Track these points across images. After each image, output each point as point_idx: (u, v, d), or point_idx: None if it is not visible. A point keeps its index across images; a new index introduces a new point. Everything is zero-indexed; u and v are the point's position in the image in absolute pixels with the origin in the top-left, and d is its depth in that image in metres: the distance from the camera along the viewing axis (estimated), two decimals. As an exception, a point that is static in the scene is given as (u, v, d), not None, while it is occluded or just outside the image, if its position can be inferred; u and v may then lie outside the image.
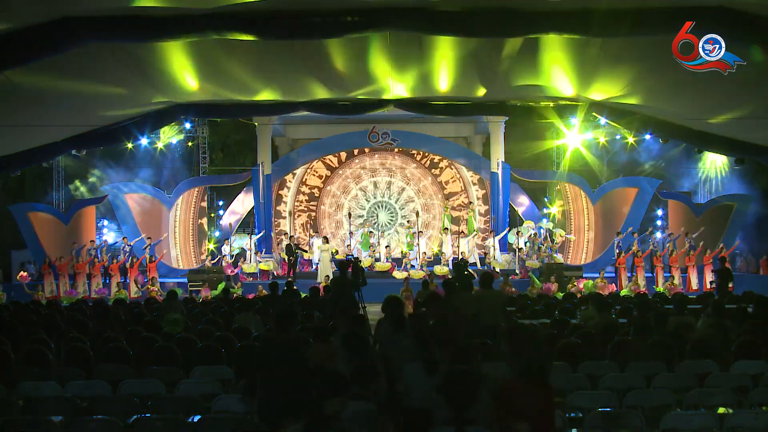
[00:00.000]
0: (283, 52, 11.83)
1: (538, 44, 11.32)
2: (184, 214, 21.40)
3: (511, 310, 9.92)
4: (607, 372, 6.30)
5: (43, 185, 20.62)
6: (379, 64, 12.55)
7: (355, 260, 12.54)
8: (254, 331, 8.27)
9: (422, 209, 22.64)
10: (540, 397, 3.82)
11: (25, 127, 13.00)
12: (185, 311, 9.85)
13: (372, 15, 9.80)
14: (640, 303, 9.47)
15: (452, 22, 9.92)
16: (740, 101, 12.22)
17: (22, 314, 9.98)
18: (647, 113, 15.10)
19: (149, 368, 6.75)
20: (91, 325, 8.84)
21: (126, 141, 17.64)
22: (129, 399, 5.68)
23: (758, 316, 8.31)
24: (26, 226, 18.58)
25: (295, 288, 12.19)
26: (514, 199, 21.46)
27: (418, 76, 13.69)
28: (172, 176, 21.99)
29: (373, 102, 15.55)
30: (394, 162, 22.91)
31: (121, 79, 12.65)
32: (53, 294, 17.38)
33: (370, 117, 18.14)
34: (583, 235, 21.38)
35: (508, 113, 17.59)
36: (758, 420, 5.10)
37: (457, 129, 22.35)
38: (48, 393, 5.83)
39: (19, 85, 11.07)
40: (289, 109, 15.94)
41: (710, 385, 6.07)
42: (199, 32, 10.16)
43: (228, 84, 13.86)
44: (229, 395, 5.81)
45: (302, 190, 23.05)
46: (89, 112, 13.84)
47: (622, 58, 11.70)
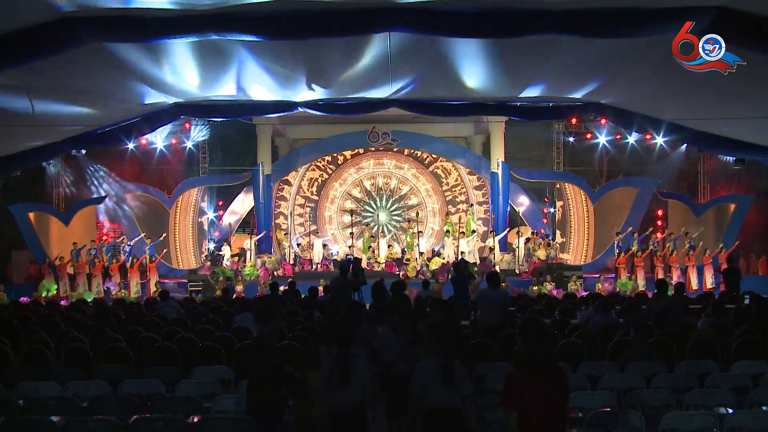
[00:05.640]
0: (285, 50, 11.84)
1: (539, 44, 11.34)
2: (184, 214, 21.41)
3: (510, 310, 9.91)
4: (607, 372, 6.30)
5: (43, 185, 20.60)
6: (379, 64, 12.55)
7: (355, 260, 12.56)
8: (254, 332, 8.26)
9: (422, 209, 22.64)
10: (547, 385, 3.79)
11: (24, 127, 13.00)
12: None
13: (372, 15, 9.80)
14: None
15: (452, 23, 9.93)
16: (740, 101, 12.23)
17: (22, 314, 9.99)
18: (647, 113, 15.13)
19: (149, 368, 6.75)
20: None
21: (126, 141, 17.65)
22: (129, 399, 5.67)
23: (758, 316, 8.32)
24: (26, 226, 18.58)
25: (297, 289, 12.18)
26: (514, 199, 21.45)
27: (419, 77, 13.71)
28: (173, 176, 21.96)
29: (374, 102, 15.56)
30: (394, 162, 22.91)
31: (121, 79, 12.66)
32: (54, 294, 17.40)
33: (370, 117, 18.14)
34: (583, 235, 21.37)
35: (508, 113, 17.59)
36: (758, 420, 5.10)
37: (457, 129, 22.33)
38: (48, 393, 5.83)
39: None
40: (288, 109, 15.95)
41: (710, 385, 6.06)
42: (200, 33, 10.16)
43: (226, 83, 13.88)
44: (229, 395, 5.82)
45: (302, 190, 23.04)
46: (89, 111, 13.84)
47: (623, 58, 11.70)
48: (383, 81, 13.69)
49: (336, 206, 23.03)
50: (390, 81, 13.65)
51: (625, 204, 20.43)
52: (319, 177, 22.94)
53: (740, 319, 8.44)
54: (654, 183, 20.38)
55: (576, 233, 21.50)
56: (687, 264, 18.52)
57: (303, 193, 22.91)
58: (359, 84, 14.01)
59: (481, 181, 22.26)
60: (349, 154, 22.65)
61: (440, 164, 22.79)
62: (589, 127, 20.68)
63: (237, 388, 6.22)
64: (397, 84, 13.97)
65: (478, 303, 8.78)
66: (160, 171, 21.55)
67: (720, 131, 14.62)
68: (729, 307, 9.21)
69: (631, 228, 19.36)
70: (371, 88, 14.34)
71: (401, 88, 14.30)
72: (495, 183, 20.68)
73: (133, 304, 11.94)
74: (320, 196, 22.90)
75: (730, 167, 19.00)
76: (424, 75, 13.65)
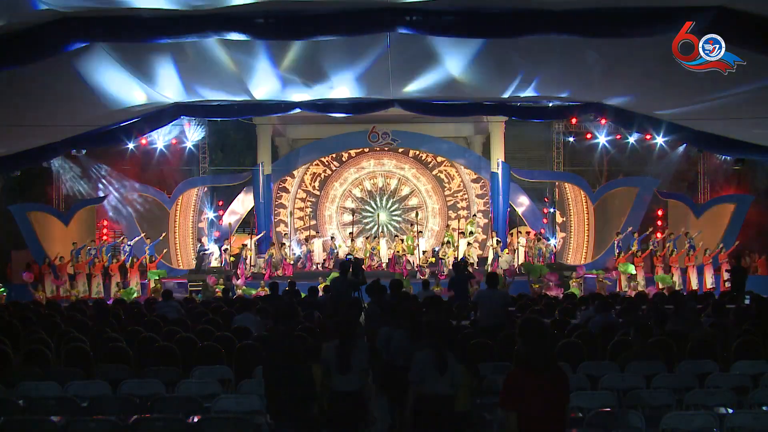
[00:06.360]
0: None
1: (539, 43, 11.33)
2: (184, 214, 21.41)
3: (510, 310, 9.92)
4: (607, 372, 6.30)
5: (43, 185, 20.60)
6: (380, 64, 12.55)
7: (355, 260, 12.58)
8: (254, 331, 8.27)
9: (422, 209, 22.63)
10: (547, 385, 3.79)
11: (25, 127, 12.99)
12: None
13: (372, 15, 9.80)
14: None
15: (452, 23, 9.92)
16: (740, 101, 12.22)
17: (22, 314, 9.99)
18: (647, 113, 15.12)
19: (149, 368, 6.75)
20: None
21: (126, 141, 17.65)
22: (129, 399, 5.67)
23: (758, 316, 8.32)
24: (26, 226, 18.58)
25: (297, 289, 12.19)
26: (514, 199, 21.45)
27: (418, 77, 13.69)
28: (173, 176, 21.96)
29: (374, 102, 15.56)
30: (394, 162, 22.91)
31: (120, 79, 12.66)
32: (54, 294, 17.41)
33: (370, 117, 18.14)
34: (583, 235, 21.37)
35: (508, 113, 17.59)
36: (758, 420, 5.10)
37: (457, 129, 22.33)
38: (48, 393, 5.83)
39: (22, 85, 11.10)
40: (288, 109, 15.95)
41: (710, 385, 6.06)
42: (199, 33, 10.16)
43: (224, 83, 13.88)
44: (229, 395, 5.81)
45: (302, 190, 23.05)
46: (89, 112, 13.83)
47: (623, 58, 11.70)
48: (383, 81, 13.68)
49: (336, 206, 23.03)
50: (390, 81, 13.64)
51: (625, 204, 20.44)
52: (323, 172, 22.96)
53: (740, 319, 8.45)
54: (654, 183, 20.37)
55: (576, 233, 21.50)
56: (687, 264, 18.53)
57: (305, 187, 22.92)
58: (359, 84, 14.01)
59: (484, 189, 22.26)
60: (354, 152, 22.66)
61: (444, 168, 22.80)
62: (589, 127, 20.67)
63: (237, 388, 6.22)
64: (397, 84, 13.96)
65: (478, 303, 8.81)
66: (160, 171, 21.54)
67: (720, 131, 14.61)
68: (729, 307, 9.22)
69: (631, 228, 19.37)
70: (371, 88, 14.34)
71: (401, 88, 14.30)
72: (495, 183, 20.69)
73: (133, 304, 11.94)
74: (321, 194, 22.91)
75: (730, 167, 19.01)
76: (425, 75, 13.64)
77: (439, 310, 6.74)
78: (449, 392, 4.82)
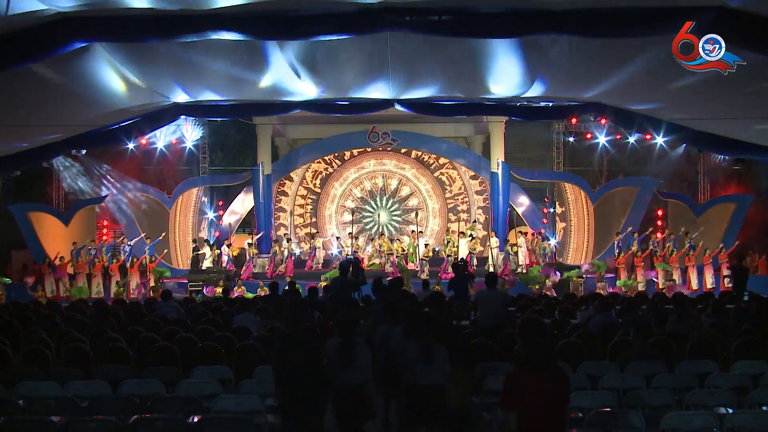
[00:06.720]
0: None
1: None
2: (184, 214, 21.41)
3: (510, 310, 9.92)
4: (607, 372, 6.30)
5: (43, 185, 20.59)
6: (380, 63, 12.54)
7: (355, 260, 12.59)
8: (254, 331, 8.27)
9: (422, 210, 22.63)
10: (547, 385, 3.79)
11: (25, 127, 13.00)
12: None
13: (371, 15, 9.80)
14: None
15: (450, 23, 9.91)
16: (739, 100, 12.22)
17: (22, 314, 9.98)
18: (647, 114, 15.11)
19: (149, 368, 6.74)
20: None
21: (126, 141, 17.65)
22: (129, 399, 5.67)
23: (758, 316, 8.32)
24: (26, 226, 18.58)
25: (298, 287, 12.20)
26: (514, 199, 21.45)
27: (416, 77, 13.69)
28: (173, 176, 21.96)
29: (374, 102, 15.55)
30: (394, 162, 22.91)
31: (120, 79, 12.66)
32: (54, 294, 17.40)
33: (370, 117, 18.14)
34: (583, 235, 21.37)
35: (508, 113, 17.59)
36: (758, 420, 5.09)
37: (457, 129, 22.34)
38: (48, 393, 5.82)
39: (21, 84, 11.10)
40: (287, 109, 15.94)
41: (710, 385, 6.06)
42: (198, 32, 10.16)
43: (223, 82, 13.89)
44: (229, 395, 5.81)
45: (303, 188, 23.05)
46: (89, 112, 13.83)
47: (622, 58, 11.70)
48: (383, 81, 13.68)
49: (336, 205, 23.03)
50: (390, 81, 13.64)
51: (625, 204, 20.44)
52: (324, 170, 22.94)
53: (740, 319, 8.45)
54: (654, 183, 20.38)
55: (576, 233, 21.50)
56: (687, 264, 18.52)
57: (306, 184, 22.90)
58: (359, 84, 14.00)
59: (483, 186, 22.25)
60: (357, 151, 22.66)
61: (446, 171, 22.79)
62: (589, 127, 20.68)
63: (237, 388, 6.22)
64: (397, 84, 13.96)
65: (477, 303, 8.81)
66: (160, 171, 21.55)
67: (720, 131, 14.60)
68: (729, 307, 9.21)
69: (631, 228, 19.36)
70: (371, 88, 14.33)
71: (401, 87, 14.29)
72: (495, 183, 20.68)
73: (133, 304, 11.94)
74: (321, 192, 22.91)
75: (730, 167, 19.00)
76: (424, 74, 13.63)
77: (440, 308, 6.75)
78: (439, 382, 5.03)
